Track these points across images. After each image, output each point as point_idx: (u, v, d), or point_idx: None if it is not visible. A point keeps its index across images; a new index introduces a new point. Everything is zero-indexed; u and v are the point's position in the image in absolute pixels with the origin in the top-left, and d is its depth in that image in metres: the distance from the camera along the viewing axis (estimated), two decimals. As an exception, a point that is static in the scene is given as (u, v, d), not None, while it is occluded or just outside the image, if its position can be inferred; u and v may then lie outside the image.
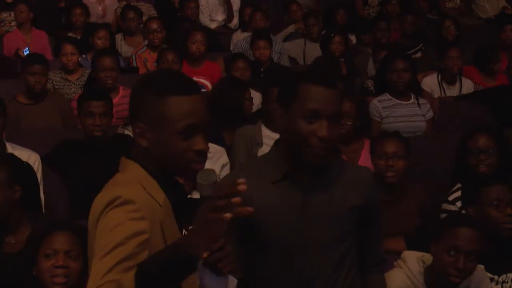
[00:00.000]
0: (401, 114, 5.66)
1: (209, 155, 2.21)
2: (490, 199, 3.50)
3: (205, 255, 1.94)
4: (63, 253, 2.87)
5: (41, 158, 4.45)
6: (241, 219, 2.29)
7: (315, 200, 2.41)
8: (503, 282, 3.46)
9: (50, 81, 6.30)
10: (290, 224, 2.39)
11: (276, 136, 4.88)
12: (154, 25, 7.52)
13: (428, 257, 3.24)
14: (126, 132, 5.14)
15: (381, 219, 2.61)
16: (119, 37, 8.18)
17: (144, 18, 8.26)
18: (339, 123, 2.37)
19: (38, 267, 2.89)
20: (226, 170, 4.47)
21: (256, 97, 5.81)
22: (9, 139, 4.58)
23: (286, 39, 8.63)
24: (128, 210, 1.88)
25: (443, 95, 6.52)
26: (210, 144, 2.27)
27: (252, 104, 5.60)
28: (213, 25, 9.31)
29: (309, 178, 2.41)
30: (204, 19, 9.30)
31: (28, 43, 7.82)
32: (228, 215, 1.74)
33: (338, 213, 2.42)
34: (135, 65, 7.44)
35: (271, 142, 4.93)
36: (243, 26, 8.61)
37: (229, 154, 4.79)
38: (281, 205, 2.39)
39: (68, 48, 6.62)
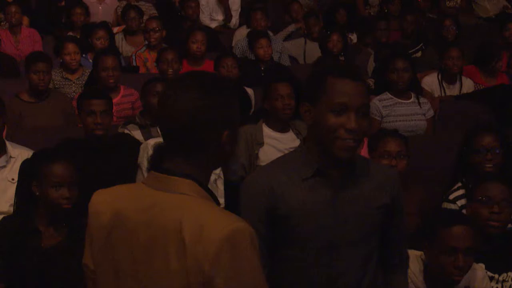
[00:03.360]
0: (402, 113, 5.67)
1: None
2: (479, 195, 3.51)
3: None
4: (67, 185, 3.35)
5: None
6: (270, 214, 2.29)
7: (345, 196, 2.42)
8: (503, 281, 3.46)
9: (51, 80, 6.32)
10: (320, 220, 2.40)
11: (277, 135, 4.98)
12: (152, 25, 7.51)
13: (428, 256, 3.25)
14: (126, 131, 5.15)
15: (404, 219, 2.62)
16: (120, 36, 8.19)
17: (145, 17, 8.26)
18: (366, 116, 2.38)
19: (45, 195, 3.34)
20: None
21: (257, 96, 5.82)
22: (11, 138, 4.58)
23: (287, 38, 8.63)
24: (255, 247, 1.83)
25: (443, 94, 6.53)
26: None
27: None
28: (213, 25, 9.31)
29: (338, 175, 2.42)
30: (205, 19, 9.31)
31: (16, 44, 7.84)
32: None
33: (367, 211, 2.44)
34: (135, 64, 7.45)
35: (273, 142, 5.03)
36: (247, 23, 8.58)
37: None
38: (311, 201, 2.40)
39: (71, 47, 6.63)
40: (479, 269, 3.30)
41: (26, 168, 3.48)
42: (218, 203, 1.98)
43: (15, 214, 3.49)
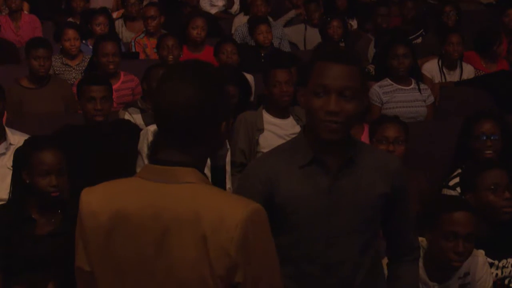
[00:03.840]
0: (402, 100, 5.66)
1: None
2: (488, 183, 3.50)
3: None
4: (55, 173, 3.36)
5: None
6: (267, 203, 2.28)
7: (342, 185, 2.39)
8: (503, 267, 3.47)
9: (51, 66, 6.31)
10: (316, 209, 2.38)
11: (277, 121, 4.98)
12: (150, 12, 7.48)
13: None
14: (127, 115, 5.15)
15: (410, 207, 2.58)
16: (119, 22, 8.17)
17: (145, 3, 8.24)
18: (354, 99, 2.33)
19: (34, 183, 3.36)
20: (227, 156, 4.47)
21: (257, 82, 5.80)
22: (11, 124, 4.58)
23: (287, 24, 8.61)
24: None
25: (443, 80, 6.53)
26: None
27: (235, 100, 5.51)
28: (213, 10, 9.30)
29: (335, 162, 2.40)
30: (205, 5, 9.30)
31: (16, 30, 7.82)
32: None
33: (364, 200, 2.40)
34: (134, 50, 7.43)
35: (273, 128, 5.03)
36: (245, 10, 8.57)
37: (229, 140, 4.80)
38: (308, 190, 2.38)
39: (71, 33, 6.62)
40: (480, 255, 3.31)
41: (18, 156, 3.49)
42: None
43: (9, 202, 3.50)
